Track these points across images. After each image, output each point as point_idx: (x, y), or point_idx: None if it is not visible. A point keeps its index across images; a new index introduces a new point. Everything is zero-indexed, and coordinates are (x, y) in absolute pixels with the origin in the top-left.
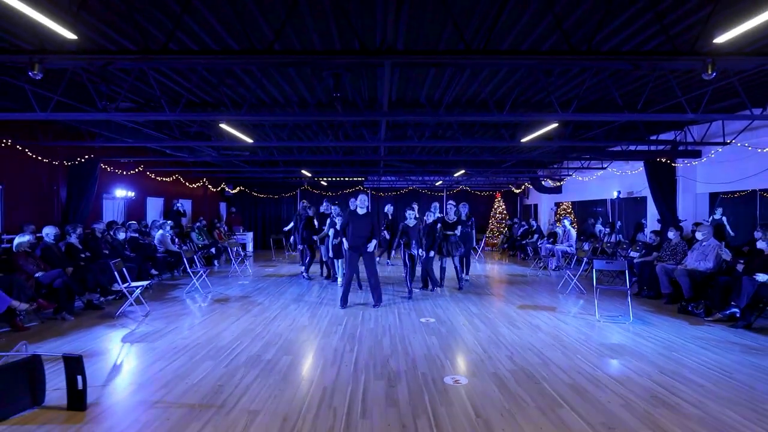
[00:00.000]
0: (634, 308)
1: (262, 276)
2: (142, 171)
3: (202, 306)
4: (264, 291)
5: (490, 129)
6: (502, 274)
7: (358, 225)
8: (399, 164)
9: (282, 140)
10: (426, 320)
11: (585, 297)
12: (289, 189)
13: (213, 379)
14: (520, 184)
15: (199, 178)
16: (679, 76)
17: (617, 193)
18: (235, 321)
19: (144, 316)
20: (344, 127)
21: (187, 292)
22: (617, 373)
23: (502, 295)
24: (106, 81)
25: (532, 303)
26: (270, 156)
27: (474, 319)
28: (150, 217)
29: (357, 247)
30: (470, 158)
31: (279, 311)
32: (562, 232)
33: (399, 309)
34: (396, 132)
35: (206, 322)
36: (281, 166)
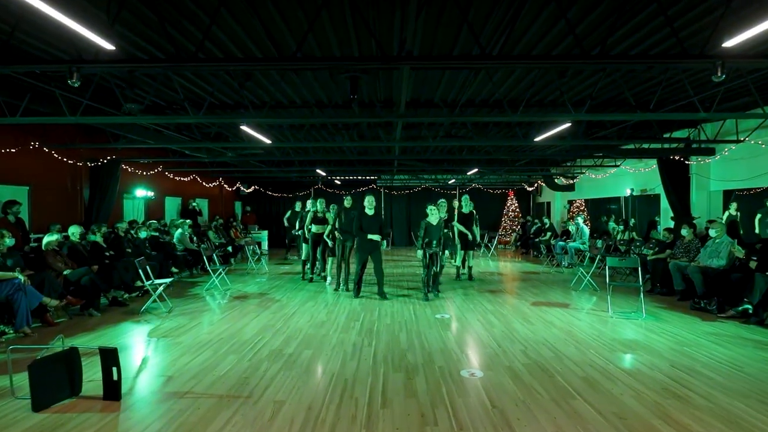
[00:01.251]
0: (647, 305)
1: (278, 274)
2: (160, 171)
3: (222, 303)
4: (281, 288)
5: (503, 128)
6: (515, 272)
7: (367, 224)
8: (413, 163)
9: (299, 141)
10: (441, 317)
11: (598, 294)
12: (304, 188)
13: (238, 372)
14: (533, 182)
15: (216, 178)
16: (692, 75)
17: (630, 190)
18: (255, 317)
19: (167, 312)
20: (360, 128)
21: (207, 289)
22: (629, 366)
23: (516, 292)
24: (132, 85)
25: (546, 300)
26: (286, 156)
27: (488, 316)
28: (168, 217)
29: (368, 246)
30: (484, 157)
31: (297, 308)
32: (575, 230)
33: (414, 306)
34: (410, 132)
35: (227, 318)
36: (296, 166)
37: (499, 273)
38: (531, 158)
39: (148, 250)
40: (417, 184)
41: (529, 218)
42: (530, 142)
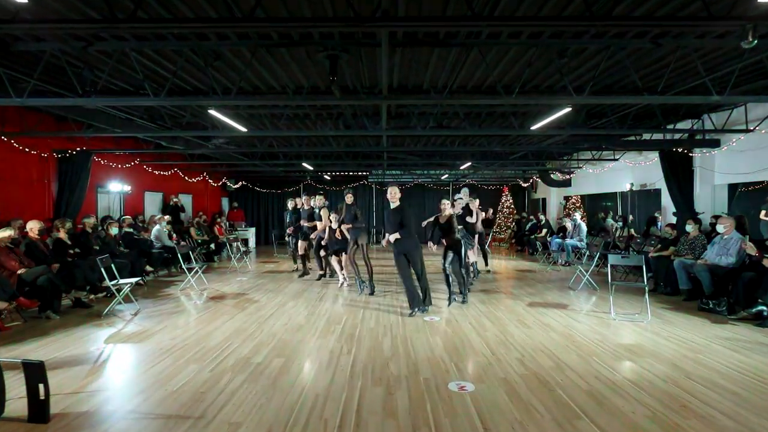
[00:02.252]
0: (650, 306)
1: (262, 272)
2: (138, 165)
3: (196, 303)
4: (262, 288)
5: (498, 118)
6: (510, 270)
7: (389, 219)
8: (403, 156)
9: (279, 129)
10: (430, 319)
11: (598, 294)
12: (292, 184)
13: (195, 385)
14: (528, 177)
15: (199, 173)
16: (704, 55)
17: (630, 185)
18: (228, 320)
19: (133, 315)
20: (344, 117)
21: (182, 289)
22: (639, 378)
23: (511, 291)
24: (88, 65)
25: (542, 300)
26: (269, 148)
27: (481, 318)
28: (148, 212)
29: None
30: (477, 149)
31: (275, 309)
32: (572, 227)
33: (402, 307)
34: (399, 122)
35: (198, 321)
36: (282, 159)
37: (493, 271)
38: (527, 151)
39: (120, 248)
40: (409, 180)
41: (524, 215)
42: (526, 131)
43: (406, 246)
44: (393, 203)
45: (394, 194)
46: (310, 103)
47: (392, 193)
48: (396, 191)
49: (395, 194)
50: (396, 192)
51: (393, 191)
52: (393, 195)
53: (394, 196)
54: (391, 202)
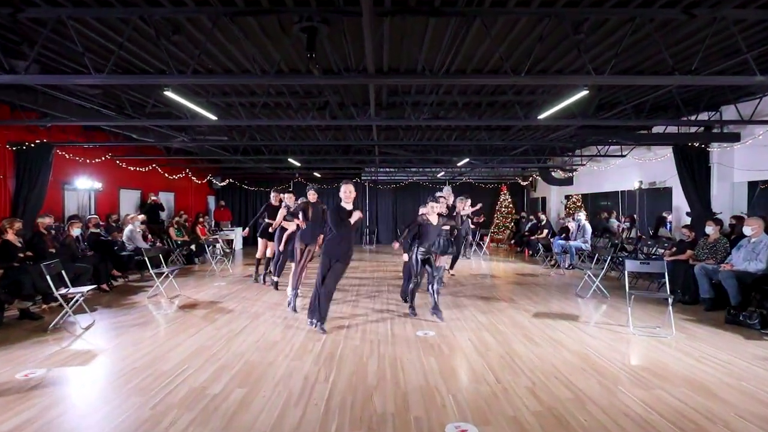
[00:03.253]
0: (658, 313)
1: (244, 277)
2: (110, 160)
3: (162, 314)
4: (239, 295)
5: (499, 109)
6: (510, 274)
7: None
8: (396, 151)
9: (256, 118)
10: (424, 334)
11: (608, 301)
12: (281, 182)
13: (129, 429)
14: (527, 175)
15: (181, 169)
16: (746, 28)
17: (639, 183)
18: (193, 335)
19: (84, 329)
20: (330, 107)
21: (150, 296)
22: (677, 415)
23: (513, 299)
24: (17, 33)
25: (549, 310)
26: (252, 141)
27: (482, 332)
28: (124, 211)
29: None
30: (476, 144)
31: (249, 322)
32: (576, 227)
33: (393, 318)
34: (391, 113)
35: (158, 337)
36: (266, 155)
37: (491, 275)
38: (529, 146)
39: (83, 251)
40: (403, 178)
41: (523, 214)
42: (533, 120)
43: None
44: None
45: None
46: (283, 82)
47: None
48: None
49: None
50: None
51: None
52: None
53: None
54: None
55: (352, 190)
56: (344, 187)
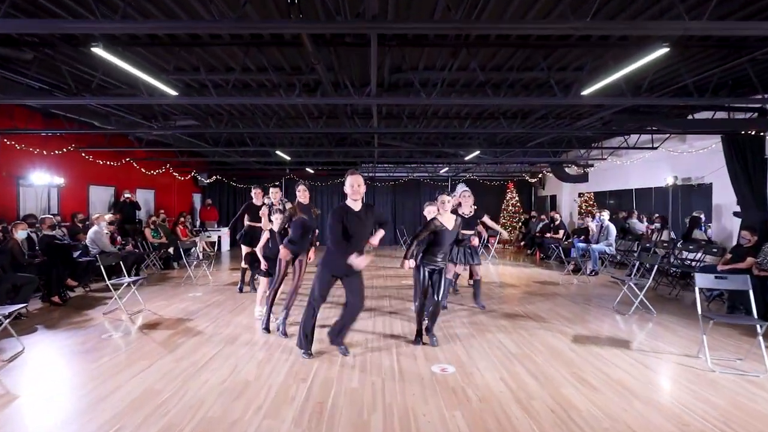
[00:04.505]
0: (734, 340)
1: (224, 285)
2: (75, 152)
3: (114, 337)
4: (214, 309)
5: (521, 91)
6: (526, 282)
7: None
8: (398, 143)
9: (226, 95)
10: (441, 369)
11: (656, 320)
12: (272, 179)
13: None
14: (536, 172)
15: (161, 164)
16: None
17: (674, 178)
18: (142, 370)
19: (6, 361)
20: (323, 87)
21: (107, 312)
22: None
23: (541, 317)
24: None
25: (590, 332)
26: (233, 129)
27: (515, 367)
28: (94, 210)
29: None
30: (492, 132)
31: (219, 348)
32: (599, 229)
33: (399, 345)
34: (394, 94)
35: (96, 373)
36: (251, 146)
37: (506, 283)
38: (554, 135)
39: (33, 257)
40: (403, 175)
41: (534, 214)
42: (573, 99)
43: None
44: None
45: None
46: (247, 30)
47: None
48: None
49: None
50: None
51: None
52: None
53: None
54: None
55: (360, 182)
56: (350, 179)
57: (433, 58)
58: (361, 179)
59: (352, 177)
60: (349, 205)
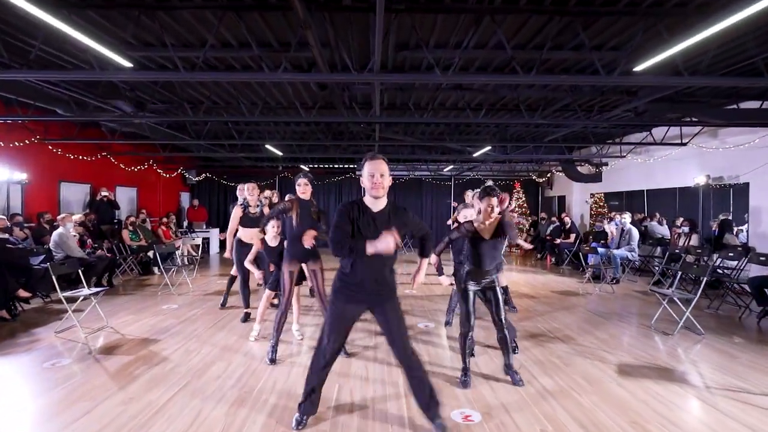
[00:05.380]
0: None
1: (205, 295)
2: (40, 144)
3: (59, 366)
4: (188, 327)
5: (549, 71)
6: (543, 291)
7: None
8: (401, 139)
9: (196, 71)
10: (464, 417)
11: (706, 342)
12: (266, 177)
13: None
14: (544, 170)
15: (143, 159)
16: None
17: (707, 177)
18: (83, 414)
19: None
20: (317, 69)
21: (60, 330)
22: None
23: (573, 338)
24: None
25: (636, 360)
26: (215, 117)
27: (556, 411)
28: (67, 209)
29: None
30: (511, 121)
31: (184, 383)
32: (619, 233)
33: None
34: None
35: (29, 415)
36: (238, 139)
37: (521, 293)
38: (582, 127)
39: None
40: (404, 173)
41: (543, 215)
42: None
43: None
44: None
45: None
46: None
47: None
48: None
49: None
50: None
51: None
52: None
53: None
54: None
55: (384, 171)
56: (369, 166)
57: (448, 30)
58: (385, 167)
59: (372, 163)
60: (366, 202)
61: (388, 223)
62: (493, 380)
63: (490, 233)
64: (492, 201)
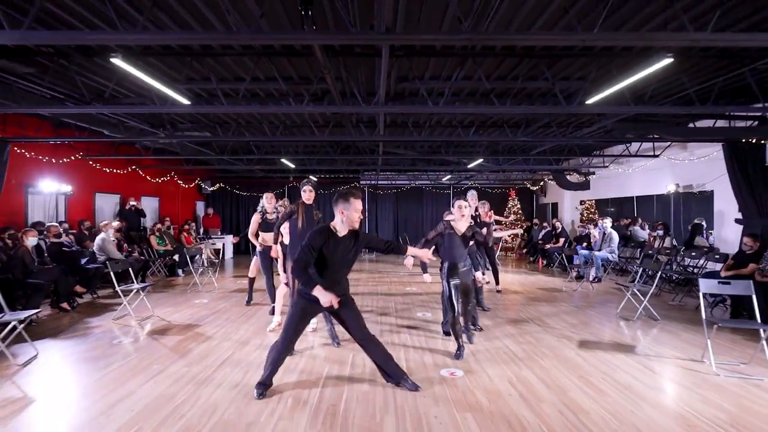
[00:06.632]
0: (738, 345)
1: (230, 292)
2: (82, 160)
3: (125, 343)
4: (222, 316)
5: (524, 99)
6: (529, 288)
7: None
8: (402, 151)
9: (236, 104)
10: (450, 374)
11: (660, 326)
12: (276, 186)
13: None
14: (537, 179)
15: (166, 172)
16: None
17: (676, 186)
18: (154, 375)
19: (21, 365)
20: (329, 97)
21: (117, 318)
22: None
23: (546, 322)
24: None
25: (595, 337)
26: (240, 138)
27: (523, 371)
28: (101, 218)
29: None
30: (496, 140)
31: (230, 353)
32: (601, 236)
33: (407, 348)
34: (401, 102)
35: (108, 379)
36: (256, 153)
37: (510, 290)
38: (554, 144)
39: (43, 264)
40: (405, 183)
41: (536, 221)
42: (578, 108)
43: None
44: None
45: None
46: (261, 41)
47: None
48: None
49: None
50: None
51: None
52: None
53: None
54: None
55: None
56: (358, 204)
57: (440, 68)
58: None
59: (359, 202)
60: (334, 228)
61: (351, 246)
62: (475, 350)
63: (461, 231)
64: (462, 203)
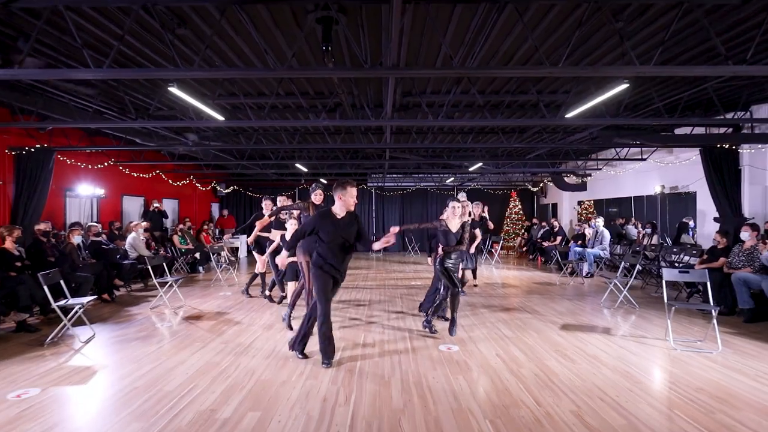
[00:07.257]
0: (698, 327)
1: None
2: (113, 166)
3: (166, 326)
4: (246, 305)
5: (517, 110)
6: (526, 283)
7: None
8: (406, 157)
9: (262, 119)
10: (447, 348)
11: (638, 313)
12: (287, 188)
13: None
14: (537, 181)
15: (185, 175)
16: None
17: (662, 187)
18: (198, 349)
19: (84, 342)
20: (342, 109)
21: (153, 307)
22: None
23: (536, 310)
24: (15, 29)
25: (577, 322)
26: (259, 146)
27: (509, 347)
28: (127, 219)
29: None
30: (491, 146)
31: (259, 334)
32: (594, 234)
33: (411, 331)
34: (404, 115)
35: (161, 351)
36: (272, 159)
37: (507, 284)
38: (549, 148)
39: (83, 259)
40: (410, 184)
41: (535, 221)
42: (559, 120)
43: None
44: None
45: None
46: (294, 75)
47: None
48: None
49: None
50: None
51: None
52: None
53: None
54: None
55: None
56: (354, 191)
57: (439, 84)
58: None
59: (354, 190)
60: (334, 211)
61: (347, 226)
62: (470, 331)
63: (455, 228)
64: (455, 204)
